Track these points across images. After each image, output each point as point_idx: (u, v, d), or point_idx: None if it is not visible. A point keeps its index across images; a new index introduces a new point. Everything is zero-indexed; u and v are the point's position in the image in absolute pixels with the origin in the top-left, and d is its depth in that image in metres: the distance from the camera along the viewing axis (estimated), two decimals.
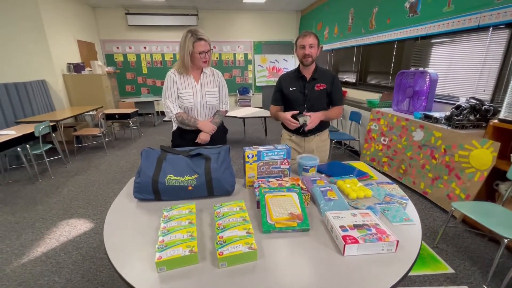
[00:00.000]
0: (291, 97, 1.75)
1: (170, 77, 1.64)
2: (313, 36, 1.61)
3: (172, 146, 1.81)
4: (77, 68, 4.99)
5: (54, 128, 3.56)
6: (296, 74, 1.73)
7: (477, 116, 2.30)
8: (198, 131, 1.73)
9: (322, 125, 1.77)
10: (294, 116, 1.65)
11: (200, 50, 1.55)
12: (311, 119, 1.62)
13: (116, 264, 0.82)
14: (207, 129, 1.72)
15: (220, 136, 1.87)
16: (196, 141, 1.74)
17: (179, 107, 1.69)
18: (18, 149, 3.01)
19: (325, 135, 1.86)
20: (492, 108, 2.25)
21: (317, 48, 1.64)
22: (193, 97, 1.66)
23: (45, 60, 4.50)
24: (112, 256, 0.85)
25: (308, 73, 1.71)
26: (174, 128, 1.76)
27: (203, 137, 1.72)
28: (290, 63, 7.36)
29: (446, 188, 2.36)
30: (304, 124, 1.65)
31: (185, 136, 1.76)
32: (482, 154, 2.06)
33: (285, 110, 1.82)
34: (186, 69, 1.63)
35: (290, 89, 1.73)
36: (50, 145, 3.47)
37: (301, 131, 1.73)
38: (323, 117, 1.68)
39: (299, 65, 1.74)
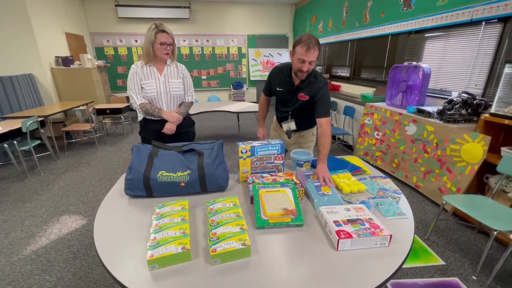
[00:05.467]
0: (277, 96, 1.75)
1: (133, 68, 1.68)
2: (317, 49, 1.39)
3: (141, 137, 1.85)
4: (65, 61, 4.83)
5: (42, 124, 3.46)
6: (286, 75, 1.61)
7: (469, 110, 2.33)
8: (163, 121, 1.75)
9: (303, 126, 1.78)
10: (279, 123, 1.81)
11: (162, 41, 1.60)
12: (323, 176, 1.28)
13: (107, 263, 0.80)
14: (172, 119, 1.75)
15: (187, 128, 1.90)
16: (162, 131, 1.76)
17: (144, 97, 1.72)
18: (5, 145, 2.92)
19: (306, 133, 1.84)
20: (483, 102, 2.28)
21: (316, 61, 1.47)
22: (156, 87, 1.70)
23: (32, 53, 4.34)
24: (103, 255, 0.83)
25: (297, 79, 1.58)
26: (140, 118, 1.79)
27: (169, 126, 1.75)
28: (284, 57, 7.31)
29: (438, 181, 2.39)
30: (288, 131, 1.74)
31: (150, 126, 1.79)
32: (473, 148, 2.09)
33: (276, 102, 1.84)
34: (149, 59, 1.67)
35: (278, 89, 1.69)
36: (39, 141, 3.37)
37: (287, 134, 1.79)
38: (325, 160, 1.38)
39: (291, 68, 1.57)
